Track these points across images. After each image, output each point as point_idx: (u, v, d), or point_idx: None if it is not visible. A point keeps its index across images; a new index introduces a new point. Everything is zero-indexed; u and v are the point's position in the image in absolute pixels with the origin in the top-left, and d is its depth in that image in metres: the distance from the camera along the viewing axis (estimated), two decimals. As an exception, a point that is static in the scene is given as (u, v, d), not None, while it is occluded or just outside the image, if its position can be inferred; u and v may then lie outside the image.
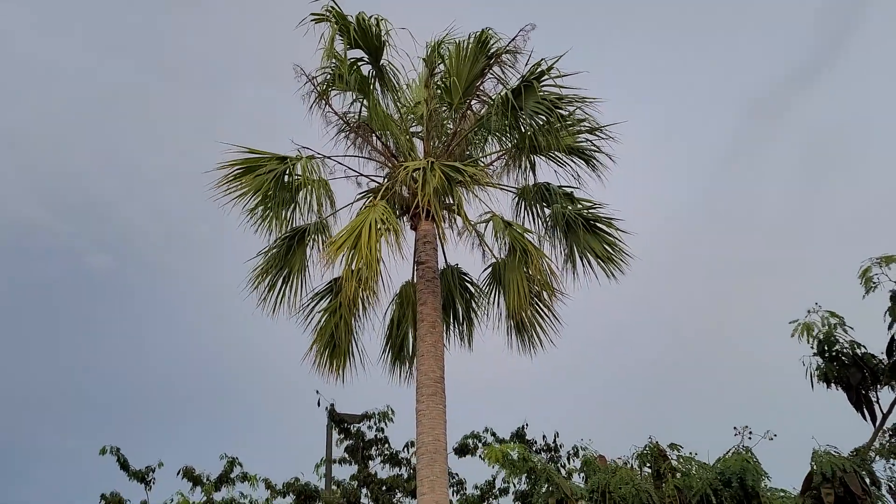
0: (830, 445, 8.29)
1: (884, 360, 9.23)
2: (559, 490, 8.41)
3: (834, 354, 9.34)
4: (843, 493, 7.77)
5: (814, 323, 9.45)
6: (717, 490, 7.91)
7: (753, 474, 7.89)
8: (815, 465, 8.03)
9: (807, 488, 8.12)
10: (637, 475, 8.69)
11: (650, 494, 8.26)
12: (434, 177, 8.22)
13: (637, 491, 8.29)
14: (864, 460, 8.38)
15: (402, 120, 10.01)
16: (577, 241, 9.36)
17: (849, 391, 9.23)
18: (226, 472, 14.34)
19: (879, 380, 9.21)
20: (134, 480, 14.09)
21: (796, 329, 9.45)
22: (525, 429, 14.64)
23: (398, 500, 14.22)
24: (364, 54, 9.56)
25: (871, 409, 9.22)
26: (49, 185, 28.58)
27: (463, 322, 10.46)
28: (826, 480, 7.85)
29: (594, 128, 9.09)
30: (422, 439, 8.03)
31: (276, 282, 9.59)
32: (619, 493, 8.35)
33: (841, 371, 9.22)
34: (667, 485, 8.36)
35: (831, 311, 9.47)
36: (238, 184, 9.11)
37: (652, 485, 8.50)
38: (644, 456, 9.07)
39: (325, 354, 9.68)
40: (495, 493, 14.36)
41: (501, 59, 9.34)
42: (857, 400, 9.21)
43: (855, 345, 9.35)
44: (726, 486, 7.95)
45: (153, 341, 29.54)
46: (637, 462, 9.10)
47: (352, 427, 14.42)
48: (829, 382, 9.30)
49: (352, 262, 7.99)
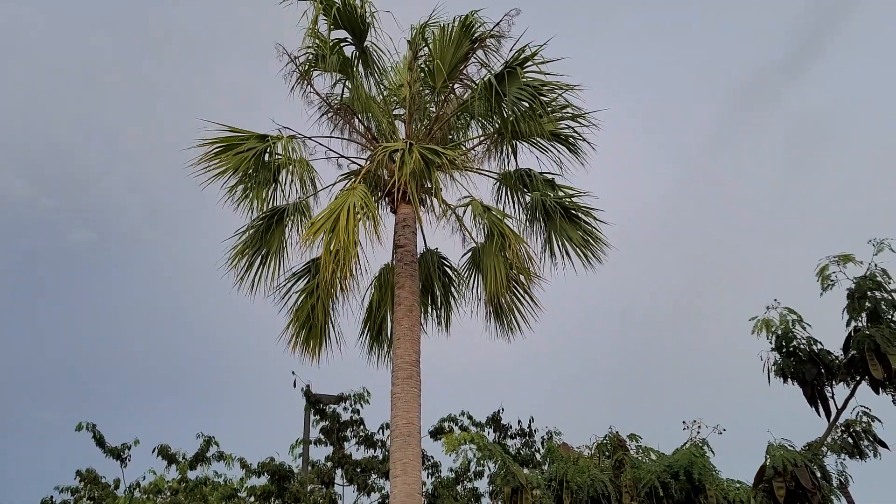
0: (785, 439, 8.42)
1: (840, 356, 9.37)
2: (515, 479, 8.47)
3: (791, 350, 9.49)
4: (794, 487, 7.90)
5: (772, 319, 9.59)
6: (665, 482, 8.01)
7: (700, 468, 7.99)
8: (768, 458, 8.15)
9: (759, 481, 8.25)
10: (596, 465, 8.77)
11: (605, 484, 8.36)
12: (412, 159, 8.19)
13: (593, 481, 8.37)
14: (817, 455, 8.52)
15: (385, 102, 9.96)
16: (555, 228, 9.39)
17: (804, 386, 9.37)
18: (202, 451, 14.29)
19: (835, 376, 9.35)
20: (110, 457, 14.01)
21: (756, 325, 9.58)
22: (500, 413, 14.74)
23: (373, 481, 14.27)
24: (347, 35, 9.48)
25: (825, 405, 9.37)
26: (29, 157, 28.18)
27: (441, 306, 10.48)
28: (778, 474, 7.98)
29: (577, 114, 9.11)
30: (396, 422, 8.06)
31: (254, 261, 9.54)
32: (576, 482, 8.43)
33: (797, 367, 9.36)
34: (624, 475, 8.46)
35: (789, 307, 9.64)
36: (217, 161, 9.02)
37: (612, 474, 8.59)
38: (604, 446, 9.17)
39: (301, 335, 9.66)
40: (470, 476, 14.46)
41: (486, 43, 9.30)
42: (812, 395, 9.35)
43: (812, 341, 9.51)
44: (674, 478, 8.05)
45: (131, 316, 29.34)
46: (597, 452, 9.19)
47: (328, 408, 14.44)
48: (786, 378, 9.43)
49: (330, 244, 7.97)
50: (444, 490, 13.96)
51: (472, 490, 14.40)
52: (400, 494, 7.68)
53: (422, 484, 9.71)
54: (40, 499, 13.41)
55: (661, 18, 26.50)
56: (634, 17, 26.11)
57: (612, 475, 8.56)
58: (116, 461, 14.00)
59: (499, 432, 14.61)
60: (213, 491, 13.79)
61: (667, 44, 27.14)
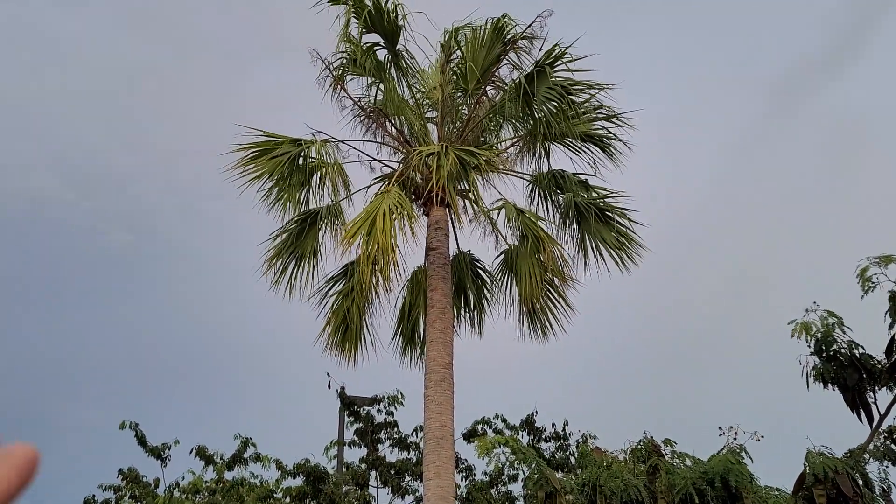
0: (825, 446, 8.21)
1: (882, 360, 9.11)
2: (548, 483, 8.41)
3: (832, 354, 9.22)
4: (835, 495, 7.71)
5: (812, 322, 9.33)
6: (700, 489, 7.87)
7: (737, 475, 7.83)
8: (807, 465, 7.97)
9: (799, 489, 8.07)
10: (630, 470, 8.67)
11: (639, 490, 8.25)
12: (448, 161, 8.22)
13: (626, 486, 8.27)
14: (858, 462, 8.29)
15: (417, 105, 9.99)
16: (588, 229, 9.33)
17: (845, 392, 9.10)
18: (239, 452, 14.49)
19: (877, 381, 9.09)
20: (151, 457, 14.27)
21: (795, 328, 9.35)
22: (534, 416, 14.66)
23: (407, 483, 14.30)
24: (380, 38, 9.54)
25: (867, 411, 9.09)
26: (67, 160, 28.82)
27: (474, 308, 10.47)
28: (818, 482, 7.79)
29: (609, 115, 9.03)
30: (429, 425, 8.07)
31: (289, 264, 9.65)
32: (609, 487, 8.34)
33: (838, 371, 9.10)
34: (660, 480, 8.34)
35: (830, 310, 9.36)
36: (253, 166, 9.15)
37: (646, 480, 8.48)
38: (638, 451, 9.05)
39: (337, 337, 9.74)
40: (504, 480, 14.41)
41: (518, 44, 9.29)
42: (854, 401, 9.09)
43: (853, 345, 9.23)
44: (710, 485, 7.91)
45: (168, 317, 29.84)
46: (631, 457, 9.08)
47: (362, 410, 14.51)
48: (826, 383, 9.19)
49: (367, 247, 8.03)
50: (478, 493, 13.92)
51: (506, 494, 14.34)
52: (433, 497, 7.69)
53: (455, 487, 9.72)
54: (83, 497, 13.68)
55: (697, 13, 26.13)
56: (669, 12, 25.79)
57: (646, 480, 8.45)
58: (157, 461, 14.26)
59: (533, 435, 14.53)
60: (249, 492, 13.96)
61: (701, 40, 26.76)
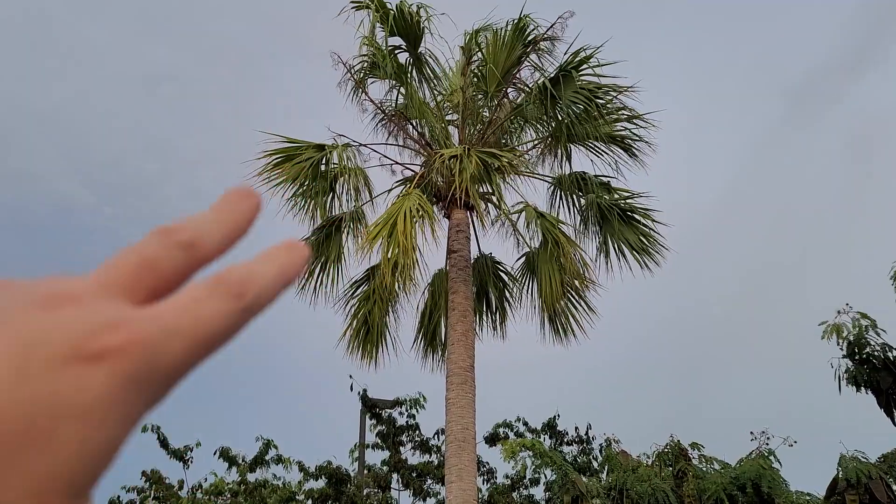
0: (858, 451, 8.06)
1: None
2: (574, 487, 8.34)
3: (864, 357, 9.05)
4: (868, 501, 7.57)
5: (844, 324, 9.16)
6: (731, 494, 7.76)
7: (769, 480, 7.70)
8: (840, 470, 7.83)
9: (831, 494, 7.94)
10: (656, 474, 8.57)
11: (667, 494, 8.15)
12: (471, 163, 8.21)
13: (653, 490, 8.18)
14: (893, 467, 8.13)
15: (438, 108, 10.00)
16: (611, 231, 9.27)
17: (878, 395, 8.92)
18: (261, 454, 14.57)
19: None
20: (173, 459, 14.41)
21: (826, 331, 9.20)
22: (556, 419, 14.58)
23: (428, 486, 14.29)
24: (402, 42, 9.55)
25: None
26: (91, 166, 29.24)
27: (496, 311, 10.44)
28: (851, 486, 7.65)
29: (633, 116, 8.97)
30: (451, 428, 8.06)
31: (314, 269, 9.68)
32: (636, 492, 8.26)
33: (871, 375, 8.92)
34: (687, 485, 8.24)
35: (862, 312, 9.18)
36: (277, 172, 9.18)
37: (672, 483, 8.38)
38: (664, 455, 8.95)
39: (358, 340, 9.77)
40: (526, 483, 14.34)
41: (539, 46, 9.26)
42: (888, 405, 8.89)
43: (887, 348, 9.04)
44: (741, 490, 7.80)
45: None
46: (657, 461, 8.97)
47: (383, 413, 14.53)
48: (859, 386, 9.02)
49: (388, 250, 8.05)
50: (500, 497, 13.88)
51: (528, 497, 14.28)
52: (455, 500, 7.67)
53: (477, 490, 9.68)
54: (108, 498, 13.83)
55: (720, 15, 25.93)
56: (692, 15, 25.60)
57: (673, 485, 8.35)
58: (179, 462, 14.39)
59: (555, 439, 14.45)
60: (271, 493, 14.02)
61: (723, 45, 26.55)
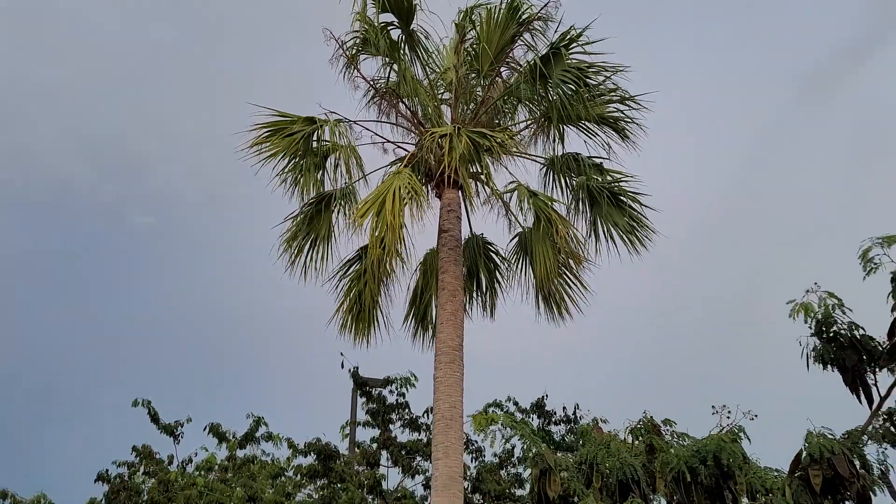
0: (825, 427, 8.13)
1: (883, 342, 8.98)
2: (543, 460, 8.39)
3: (832, 336, 9.10)
4: (831, 475, 7.62)
5: (811, 303, 9.21)
6: (693, 468, 7.82)
7: (730, 454, 7.77)
8: (805, 446, 7.90)
9: (795, 469, 8.01)
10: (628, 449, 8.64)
11: (635, 469, 8.23)
12: (461, 142, 8.18)
13: (622, 464, 8.25)
14: (856, 443, 8.20)
15: (431, 86, 9.94)
16: (600, 213, 9.28)
17: (844, 373, 8.98)
18: (251, 431, 14.67)
19: (877, 362, 8.98)
20: (164, 434, 14.49)
21: (794, 309, 9.25)
22: (545, 399, 14.69)
23: (417, 464, 14.41)
24: (394, 18, 9.48)
25: (867, 393, 8.98)
26: (91, 143, 29.08)
27: (487, 291, 10.45)
28: (814, 462, 7.70)
29: (625, 97, 8.95)
30: (438, 406, 8.09)
31: (304, 246, 9.67)
32: (606, 466, 8.33)
33: (838, 353, 8.98)
34: (657, 460, 8.32)
35: (830, 291, 9.22)
36: (268, 144, 9.13)
37: (645, 459, 8.46)
38: (637, 430, 9.03)
39: (350, 319, 9.78)
40: (514, 462, 14.47)
41: (533, 26, 9.21)
42: (853, 382, 8.97)
43: (853, 326, 9.09)
44: (703, 464, 7.87)
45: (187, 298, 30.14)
46: (631, 436, 9.05)
47: (374, 391, 14.61)
48: (826, 364, 9.08)
49: (376, 228, 8.04)
50: (488, 475, 13.99)
51: (515, 475, 14.41)
52: (442, 477, 7.72)
53: (464, 467, 9.77)
54: (97, 472, 13.88)
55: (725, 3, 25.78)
56: (697, 0, 25.46)
57: (644, 460, 8.43)
58: (170, 438, 14.47)
59: (543, 419, 14.56)
60: (261, 469, 14.13)
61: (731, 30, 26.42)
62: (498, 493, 13.68)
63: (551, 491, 8.21)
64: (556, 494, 8.20)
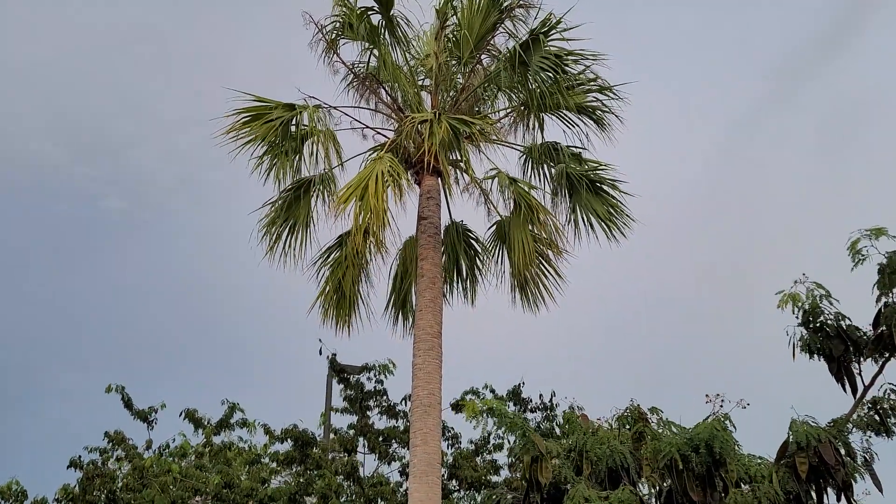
0: (809, 416, 8.30)
1: (869, 332, 9.19)
2: (535, 447, 8.47)
3: (818, 326, 9.29)
4: (816, 463, 7.78)
5: (799, 294, 9.38)
6: (685, 455, 7.95)
7: (721, 442, 7.90)
8: (791, 434, 8.05)
9: (781, 457, 8.16)
10: (615, 436, 8.74)
11: (625, 456, 8.34)
12: (441, 128, 8.16)
13: (612, 452, 8.35)
14: (841, 431, 8.38)
15: (411, 72, 9.88)
16: (579, 201, 9.33)
17: (830, 362, 9.17)
18: (226, 417, 14.59)
19: (862, 352, 9.17)
20: (137, 420, 14.36)
21: (782, 299, 9.41)
22: (521, 387, 14.77)
23: (394, 450, 14.44)
24: (374, 3, 9.38)
25: (852, 382, 9.18)
26: (63, 124, 28.56)
27: (466, 279, 10.47)
28: (800, 449, 7.85)
29: (603, 87, 8.99)
30: (417, 392, 8.12)
31: (282, 232, 9.60)
32: (595, 453, 8.43)
33: (824, 342, 9.17)
34: (645, 447, 8.42)
35: (817, 282, 9.41)
36: (246, 130, 9.04)
37: (631, 446, 8.56)
38: (624, 418, 9.14)
39: (330, 306, 9.74)
40: (489, 448, 14.56)
41: (514, 13, 9.19)
42: (839, 371, 9.18)
43: (840, 316, 9.29)
44: (695, 452, 8.00)
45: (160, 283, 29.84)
46: (617, 423, 9.16)
47: (351, 378, 14.58)
48: (812, 353, 9.26)
49: (359, 213, 8.01)
50: (464, 461, 14.07)
51: (491, 462, 14.50)
52: (419, 464, 7.77)
53: (442, 454, 9.80)
54: (69, 458, 13.71)
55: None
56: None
57: (631, 447, 8.54)
58: (143, 423, 14.35)
59: (519, 406, 14.65)
60: (237, 456, 14.07)
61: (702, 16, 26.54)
62: (474, 479, 13.77)
63: (542, 477, 8.31)
64: (546, 481, 8.29)
